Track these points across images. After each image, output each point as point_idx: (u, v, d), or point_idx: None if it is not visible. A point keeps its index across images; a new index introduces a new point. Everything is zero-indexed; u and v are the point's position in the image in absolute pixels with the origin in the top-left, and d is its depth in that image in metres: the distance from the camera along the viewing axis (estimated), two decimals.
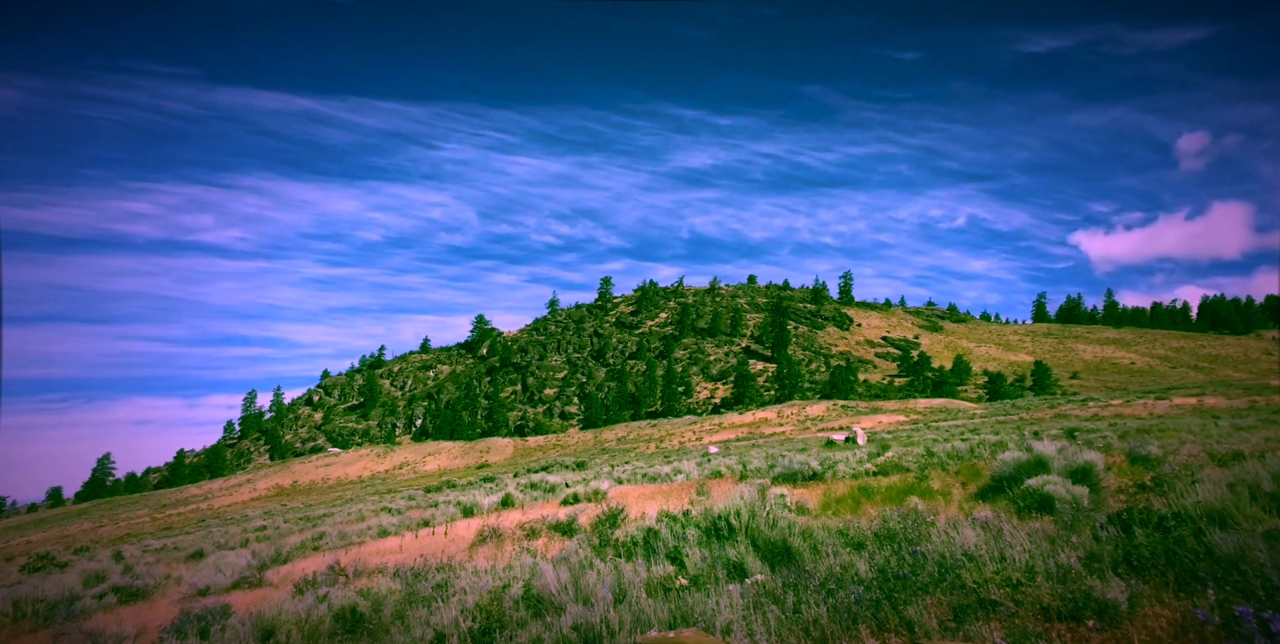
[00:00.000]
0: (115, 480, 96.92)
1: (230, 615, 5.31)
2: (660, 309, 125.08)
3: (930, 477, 7.89)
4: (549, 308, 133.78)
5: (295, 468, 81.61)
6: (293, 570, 8.21)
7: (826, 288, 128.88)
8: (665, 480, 13.43)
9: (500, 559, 6.09)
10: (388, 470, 76.18)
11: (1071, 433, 15.33)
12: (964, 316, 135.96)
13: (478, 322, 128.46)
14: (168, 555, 14.60)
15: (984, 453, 9.45)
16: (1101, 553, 3.56)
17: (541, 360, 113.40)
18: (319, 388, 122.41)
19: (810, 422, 60.87)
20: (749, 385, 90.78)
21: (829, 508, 6.72)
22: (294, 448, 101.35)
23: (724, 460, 17.16)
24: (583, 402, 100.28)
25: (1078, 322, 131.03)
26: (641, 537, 5.54)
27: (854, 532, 4.95)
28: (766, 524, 5.19)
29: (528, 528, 7.75)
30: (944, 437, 19.75)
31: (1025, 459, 6.40)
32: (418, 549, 8.14)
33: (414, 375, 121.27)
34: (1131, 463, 7.23)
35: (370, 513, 18.30)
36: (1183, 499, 4.33)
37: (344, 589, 5.35)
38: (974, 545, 3.84)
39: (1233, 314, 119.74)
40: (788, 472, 9.71)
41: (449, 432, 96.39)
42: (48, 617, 7.03)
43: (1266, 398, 35.41)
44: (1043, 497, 5.29)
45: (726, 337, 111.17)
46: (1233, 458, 6.46)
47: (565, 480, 15.01)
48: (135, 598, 7.92)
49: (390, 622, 4.58)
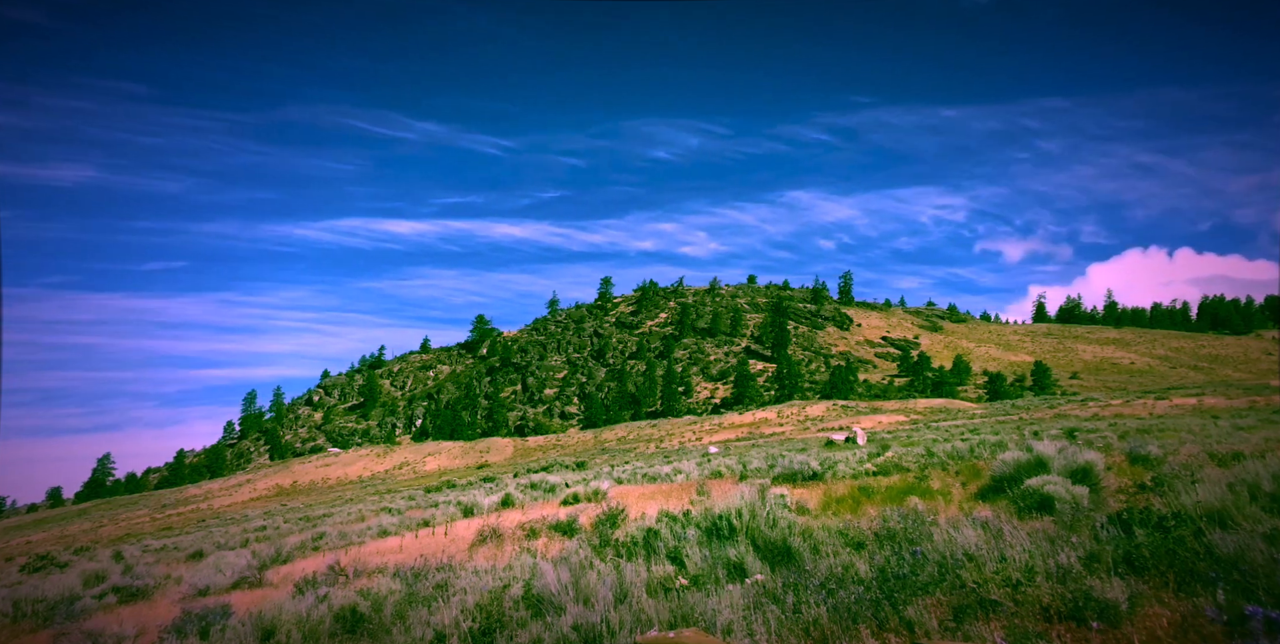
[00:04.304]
0: (115, 480, 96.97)
1: (230, 615, 5.31)
2: (660, 309, 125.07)
3: (930, 477, 7.89)
4: (549, 308, 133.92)
5: (295, 468, 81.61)
6: (293, 570, 8.21)
7: (826, 288, 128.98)
8: (665, 480, 13.43)
9: (500, 559, 6.08)
10: (388, 470, 76.17)
11: (1071, 433, 15.32)
12: (964, 317, 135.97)
13: (478, 321, 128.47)
14: (168, 555, 14.60)
15: (984, 453, 9.45)
16: (1101, 553, 3.56)
17: (541, 360, 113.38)
18: (319, 388, 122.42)
19: (810, 422, 60.87)
20: (749, 385, 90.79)
21: (829, 508, 6.72)
22: (294, 448, 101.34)
23: (724, 460, 17.16)
24: (583, 402, 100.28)
25: (1078, 322, 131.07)
26: (642, 537, 5.54)
27: (854, 532, 4.95)
28: (766, 524, 5.19)
29: (528, 528, 7.75)
30: (944, 437, 19.75)
31: (1025, 459, 6.40)
32: (418, 549, 8.14)
33: (414, 375, 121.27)
34: (1131, 463, 7.23)
35: (370, 513, 18.31)
36: (1183, 499, 4.33)
37: (344, 589, 5.35)
38: (974, 545, 3.84)
39: (1232, 314, 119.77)
40: (788, 472, 9.71)
41: (449, 432, 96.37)
42: (48, 617, 7.03)
43: (1266, 398, 35.42)
44: (1043, 497, 5.29)
45: (726, 336, 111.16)
46: (1233, 458, 6.46)
47: (565, 480, 15.00)
48: (135, 598, 7.92)
49: (390, 622, 4.58)
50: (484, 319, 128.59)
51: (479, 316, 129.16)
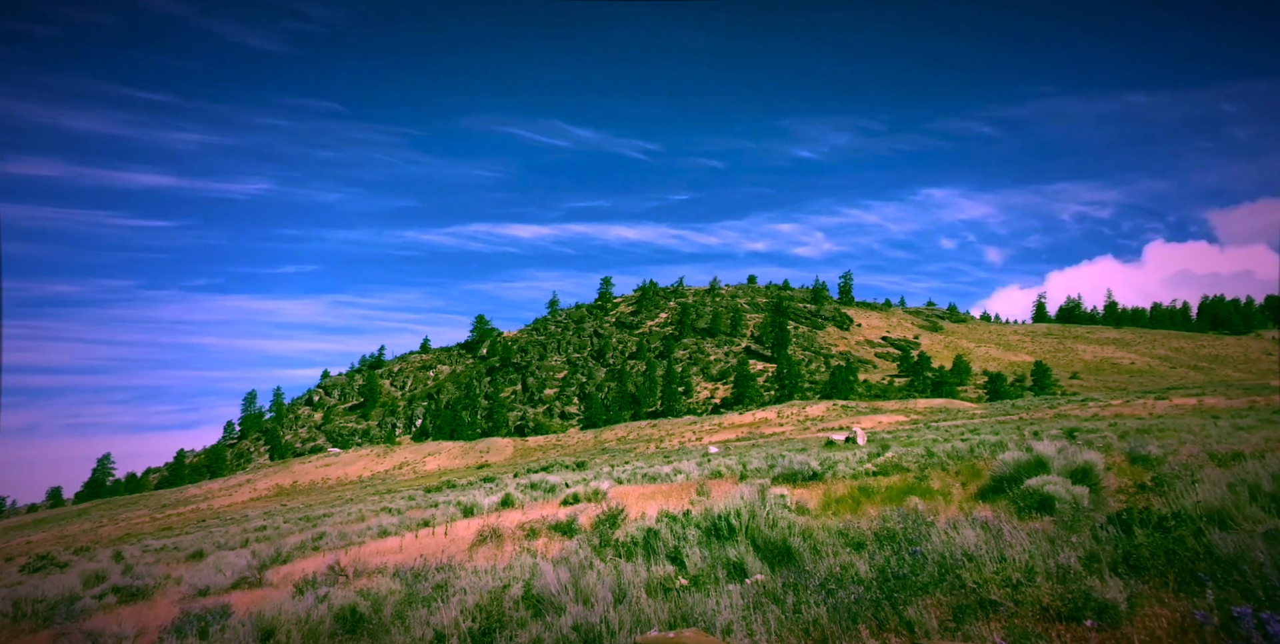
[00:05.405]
0: (115, 480, 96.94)
1: (230, 615, 5.31)
2: (660, 309, 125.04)
3: (930, 477, 7.89)
4: (549, 308, 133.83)
5: (295, 468, 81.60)
6: (293, 570, 8.21)
7: (826, 288, 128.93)
8: (665, 480, 13.42)
9: (500, 559, 6.08)
10: (388, 470, 76.17)
11: (1071, 433, 15.32)
12: (964, 317, 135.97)
13: (478, 322, 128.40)
14: (168, 555, 14.60)
15: (984, 453, 9.45)
16: (1101, 553, 3.56)
17: (541, 360, 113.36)
18: (319, 388, 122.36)
19: (810, 422, 60.86)
20: (749, 385, 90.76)
21: (829, 508, 6.72)
22: (294, 448, 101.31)
23: (724, 460, 17.15)
24: (583, 402, 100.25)
25: (1078, 322, 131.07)
26: (641, 537, 5.54)
27: (854, 532, 4.95)
28: (766, 524, 5.19)
29: (528, 528, 7.75)
30: (944, 437, 19.75)
31: (1025, 459, 6.40)
32: (418, 549, 8.13)
33: (414, 375, 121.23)
34: (1131, 463, 7.23)
35: (370, 513, 18.30)
36: (1182, 499, 4.33)
37: (344, 589, 5.34)
38: (974, 545, 3.84)
39: (1232, 314, 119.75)
40: (788, 472, 9.70)
41: (449, 432, 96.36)
42: (48, 617, 7.03)
43: (1266, 398, 35.41)
44: (1043, 497, 5.29)
45: (726, 336, 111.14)
46: (1232, 458, 6.46)
47: (565, 480, 15.00)
48: (135, 598, 7.92)
49: (390, 622, 4.58)
50: (484, 319, 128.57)
51: (479, 317, 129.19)
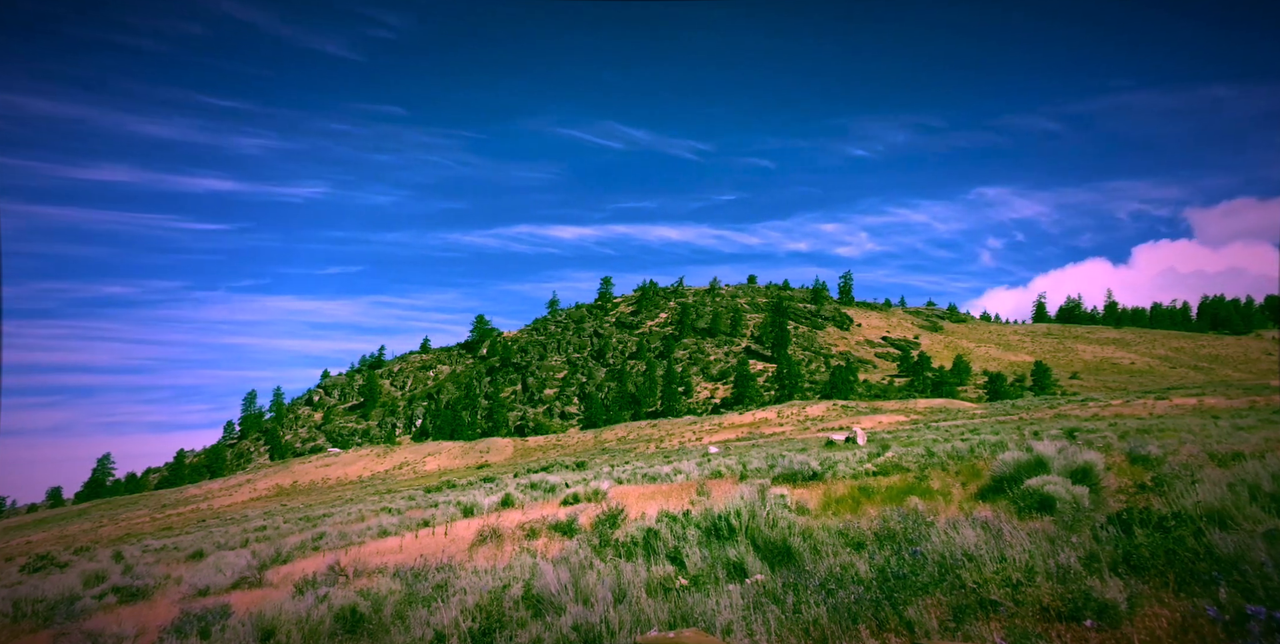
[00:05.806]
0: (115, 480, 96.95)
1: (230, 615, 5.31)
2: (660, 309, 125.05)
3: (930, 477, 7.89)
4: (549, 308, 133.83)
5: (295, 468, 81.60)
6: (293, 570, 8.20)
7: (826, 288, 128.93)
8: (665, 480, 13.42)
9: (500, 559, 6.08)
10: (388, 470, 76.16)
11: (1071, 433, 15.31)
12: (964, 317, 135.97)
13: (478, 322, 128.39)
14: (168, 555, 14.59)
15: (984, 453, 9.44)
16: (1101, 553, 3.56)
17: (541, 360, 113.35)
18: (319, 388, 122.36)
19: (810, 422, 60.85)
20: (749, 385, 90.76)
21: (829, 508, 6.71)
22: (294, 448, 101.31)
23: (724, 460, 17.15)
24: (583, 402, 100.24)
25: (1078, 322, 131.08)
26: (641, 537, 5.54)
27: (854, 532, 4.95)
28: (766, 524, 5.19)
29: (528, 528, 7.75)
30: (944, 437, 19.75)
31: (1025, 459, 6.40)
32: (418, 549, 8.13)
33: (414, 375, 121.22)
34: (1131, 463, 7.23)
35: (370, 513, 18.29)
36: (1182, 499, 4.33)
37: (344, 589, 5.34)
38: (974, 545, 3.84)
39: (1232, 314, 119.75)
40: (788, 472, 9.70)
41: (449, 432, 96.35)
42: (48, 617, 7.02)
43: (1266, 398, 35.40)
44: (1043, 497, 5.29)
45: (726, 336, 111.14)
46: (1232, 458, 6.46)
47: (565, 480, 15.00)
48: (135, 598, 7.91)
49: (390, 622, 4.58)
50: (484, 319, 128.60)
51: (479, 317, 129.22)
